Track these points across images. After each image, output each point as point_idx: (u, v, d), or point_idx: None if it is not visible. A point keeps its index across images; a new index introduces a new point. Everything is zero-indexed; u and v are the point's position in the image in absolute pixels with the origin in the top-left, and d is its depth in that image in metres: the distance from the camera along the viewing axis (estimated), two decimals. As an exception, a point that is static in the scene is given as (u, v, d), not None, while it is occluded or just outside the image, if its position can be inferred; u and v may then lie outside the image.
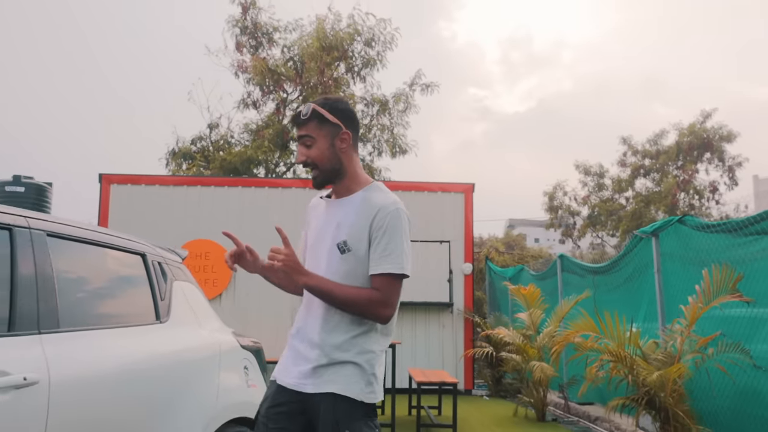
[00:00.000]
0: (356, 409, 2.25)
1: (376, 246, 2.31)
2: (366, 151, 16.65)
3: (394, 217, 2.34)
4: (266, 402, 2.38)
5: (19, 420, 2.27)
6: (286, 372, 2.36)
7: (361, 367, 2.28)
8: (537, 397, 8.20)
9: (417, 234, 10.45)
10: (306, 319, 2.38)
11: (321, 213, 2.50)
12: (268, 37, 16.41)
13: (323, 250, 2.39)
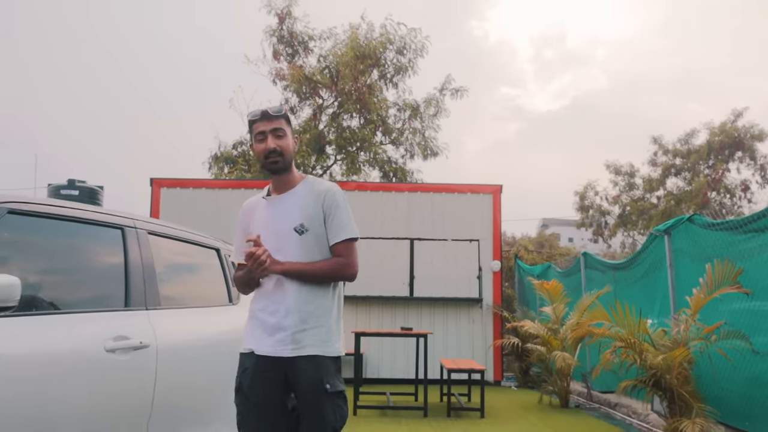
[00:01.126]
0: (332, 364, 2.77)
1: (331, 221, 2.83)
2: (398, 154, 17.32)
3: (339, 196, 2.88)
4: (248, 372, 2.76)
5: (138, 374, 2.97)
6: (261, 342, 2.76)
7: (331, 329, 2.79)
8: (560, 385, 8.77)
9: (447, 233, 11.21)
10: (275, 295, 2.78)
11: (263, 210, 2.92)
12: (303, 46, 17.17)
13: (282, 236, 2.81)
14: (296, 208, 2.84)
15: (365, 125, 16.96)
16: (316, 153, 16.30)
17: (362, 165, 16.92)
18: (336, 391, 2.74)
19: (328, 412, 2.70)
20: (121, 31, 56.63)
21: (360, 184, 13.25)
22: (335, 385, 2.74)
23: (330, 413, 2.70)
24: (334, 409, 2.73)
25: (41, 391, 2.55)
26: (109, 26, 57.99)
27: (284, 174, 2.88)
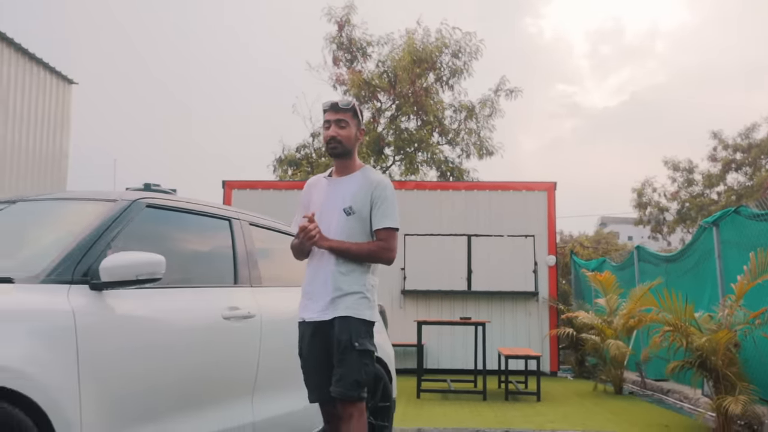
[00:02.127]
0: (362, 326, 3.18)
1: (377, 209, 3.22)
2: (455, 154, 17.83)
3: (389, 190, 3.28)
4: (304, 339, 3.29)
5: (248, 338, 3.61)
6: (308, 310, 3.26)
7: (365, 296, 3.22)
8: (614, 373, 9.16)
9: (503, 229, 11.67)
10: (318, 267, 3.24)
11: (323, 188, 3.36)
12: (362, 52, 17.86)
13: (332, 214, 3.24)
14: (349, 192, 3.26)
15: (422, 127, 17.53)
16: (375, 154, 16.95)
17: (420, 165, 17.51)
18: (363, 349, 3.16)
19: (353, 365, 3.11)
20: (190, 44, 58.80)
21: (419, 183, 13.82)
22: (363, 344, 3.16)
23: (355, 367, 3.12)
24: (360, 365, 3.13)
25: (181, 345, 3.21)
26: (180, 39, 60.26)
27: (344, 159, 3.31)
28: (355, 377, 3.12)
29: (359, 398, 3.15)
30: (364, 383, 3.16)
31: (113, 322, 2.96)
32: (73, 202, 3.52)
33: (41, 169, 11.87)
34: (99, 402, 2.81)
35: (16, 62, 11.13)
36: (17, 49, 11.05)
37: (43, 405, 2.57)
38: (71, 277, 2.89)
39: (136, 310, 3.08)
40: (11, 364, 2.50)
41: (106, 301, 2.96)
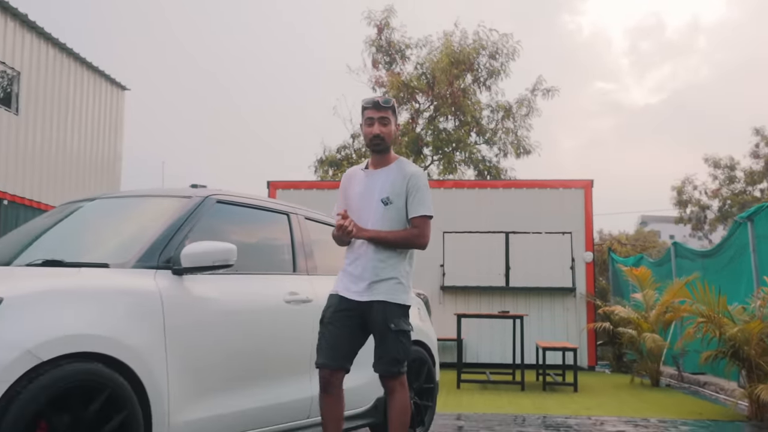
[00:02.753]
0: (398, 309, 3.43)
1: (412, 199, 3.45)
2: (492, 153, 18.09)
3: (422, 180, 3.51)
4: (331, 308, 3.48)
5: (306, 321, 4.00)
6: (347, 289, 3.48)
7: (400, 282, 3.46)
8: (651, 366, 9.35)
9: (541, 226, 11.91)
10: (359, 256, 3.47)
11: (361, 179, 3.57)
12: (401, 54, 18.25)
13: (370, 204, 3.47)
14: (387, 183, 3.49)
15: (460, 127, 17.84)
16: (414, 154, 17.31)
17: (458, 164, 17.81)
18: (399, 329, 3.42)
19: (391, 345, 3.40)
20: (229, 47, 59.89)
21: (457, 182, 14.12)
22: (399, 325, 3.42)
23: (393, 346, 3.40)
24: (397, 344, 3.41)
25: (249, 324, 3.61)
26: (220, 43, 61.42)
27: (385, 153, 3.56)
28: (394, 355, 3.41)
29: (399, 373, 3.44)
30: (403, 359, 3.44)
31: (192, 302, 3.38)
32: (154, 198, 3.96)
33: (98, 171, 12.50)
34: (182, 370, 3.22)
35: (75, 71, 11.77)
36: (76, 59, 11.68)
37: (138, 371, 2.99)
38: (156, 263, 3.32)
39: (211, 293, 3.49)
40: (111, 335, 2.93)
41: (186, 284, 3.38)
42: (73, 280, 3.05)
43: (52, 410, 2.69)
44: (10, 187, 10.15)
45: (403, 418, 3.47)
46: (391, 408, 3.48)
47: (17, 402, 2.56)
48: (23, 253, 3.79)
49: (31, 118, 10.69)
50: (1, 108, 10.04)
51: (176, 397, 3.18)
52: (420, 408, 4.96)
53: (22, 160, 10.52)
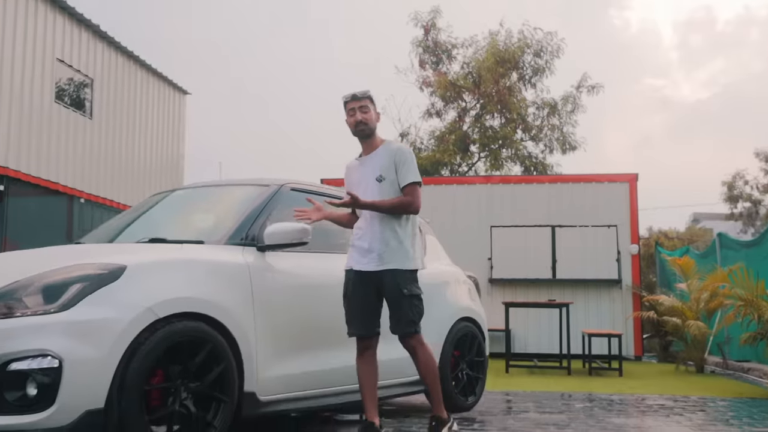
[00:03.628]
0: (409, 274, 3.83)
1: (400, 170, 3.86)
2: (538, 150, 18.37)
3: (407, 152, 3.94)
4: (349, 282, 3.89)
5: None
6: (358, 263, 3.86)
7: (407, 249, 3.86)
8: (696, 354, 9.59)
9: (586, 219, 12.21)
10: (366, 229, 3.86)
11: (357, 168, 4.02)
12: (447, 54, 18.68)
13: (368, 185, 3.88)
14: (378, 164, 3.92)
15: (506, 124, 18.18)
16: (461, 152, 17.73)
17: (504, 161, 18.15)
18: (412, 293, 3.80)
19: (405, 308, 3.78)
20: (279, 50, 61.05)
21: (504, 177, 14.48)
22: (411, 290, 3.81)
23: (407, 309, 3.79)
24: (411, 307, 3.80)
25: (320, 296, 4.12)
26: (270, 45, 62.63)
27: (370, 139, 3.98)
28: (410, 317, 3.81)
29: (415, 332, 3.84)
30: (417, 320, 3.84)
31: (274, 274, 3.91)
32: (238, 186, 4.53)
33: (162, 171, 13.27)
34: (266, 332, 3.75)
35: (142, 77, 12.55)
36: (142, 65, 12.46)
37: (232, 330, 3.53)
38: (243, 240, 3.87)
39: (289, 267, 4.02)
40: (211, 299, 3.48)
41: (268, 259, 3.92)
42: (178, 254, 3.62)
43: (167, 360, 3.24)
44: (85, 186, 10.93)
45: (432, 371, 3.89)
46: (418, 365, 3.90)
47: (141, 351, 3.12)
48: (123, 233, 4.41)
49: (103, 122, 11.47)
50: (77, 113, 10.82)
51: (262, 355, 3.72)
52: (471, 379, 5.42)
53: (96, 161, 11.30)
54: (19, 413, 2.91)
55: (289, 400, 3.94)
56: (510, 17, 37.87)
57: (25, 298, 3.05)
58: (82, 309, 3.05)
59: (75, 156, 10.73)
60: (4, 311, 3.01)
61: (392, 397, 4.94)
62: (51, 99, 10.21)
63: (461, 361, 5.35)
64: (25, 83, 9.70)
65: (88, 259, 3.37)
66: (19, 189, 9.62)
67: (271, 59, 60.05)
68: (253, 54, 63.25)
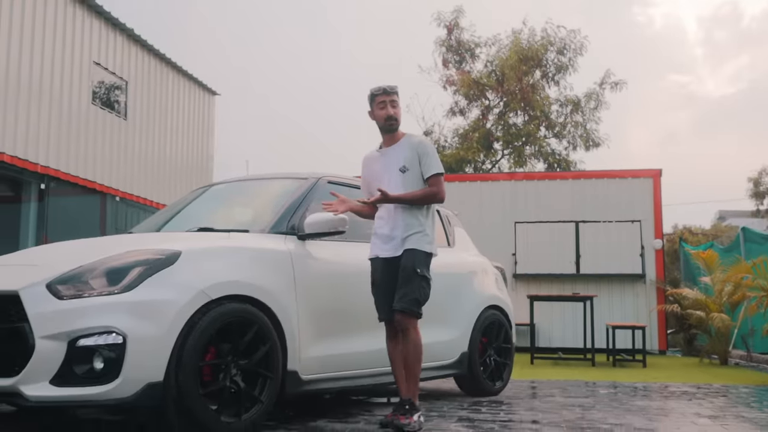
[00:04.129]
0: (424, 256, 3.98)
1: (424, 162, 4.02)
2: (561, 146, 18.48)
3: (429, 146, 4.10)
4: (376, 271, 4.07)
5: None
6: (381, 249, 4.05)
7: (426, 234, 4.03)
8: (720, 346, 9.69)
9: (610, 214, 12.34)
10: (388, 218, 4.03)
11: (378, 159, 4.14)
12: (470, 53, 18.85)
13: (391, 175, 4.03)
14: (401, 155, 4.07)
15: (530, 121, 18.31)
16: (485, 149, 17.90)
17: (528, 158, 18.29)
18: (423, 275, 3.95)
19: (414, 286, 3.90)
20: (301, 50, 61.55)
21: (528, 174, 14.61)
22: (423, 271, 3.96)
23: (416, 288, 3.91)
24: (419, 287, 3.93)
25: (356, 281, 4.34)
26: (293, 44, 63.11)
27: (395, 132, 4.14)
28: (416, 296, 3.92)
29: (416, 314, 3.94)
30: (422, 302, 3.96)
31: (314, 261, 4.16)
32: (278, 180, 4.78)
33: (192, 170, 13.62)
34: (307, 315, 4.00)
35: (172, 79, 12.90)
36: (173, 67, 12.81)
37: (276, 312, 3.78)
38: (285, 229, 4.13)
39: (328, 255, 4.27)
40: (257, 283, 3.73)
41: (308, 247, 4.17)
42: (226, 241, 3.89)
43: (218, 339, 3.50)
44: (120, 185, 11.29)
45: (417, 355, 3.98)
46: (406, 345, 3.96)
47: (195, 330, 3.38)
48: (169, 224, 4.69)
49: (137, 123, 11.82)
50: (113, 114, 11.18)
51: (304, 336, 3.97)
52: (499, 365, 5.63)
53: (130, 160, 11.65)
54: (87, 385, 3.18)
55: (328, 379, 4.18)
56: (533, 15, 37.91)
57: (91, 280, 3.33)
58: (143, 290, 3.32)
59: (110, 156, 11.09)
60: (73, 292, 3.28)
61: (425, 379, 5.17)
62: (88, 101, 10.58)
63: (489, 348, 5.57)
64: (64, 86, 10.07)
65: (145, 245, 3.65)
66: (59, 188, 10.00)
67: (294, 60, 60.55)
68: (277, 54, 63.78)
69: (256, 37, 66.95)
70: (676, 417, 4.57)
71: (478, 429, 3.93)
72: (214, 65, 71.69)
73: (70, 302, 3.25)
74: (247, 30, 67.66)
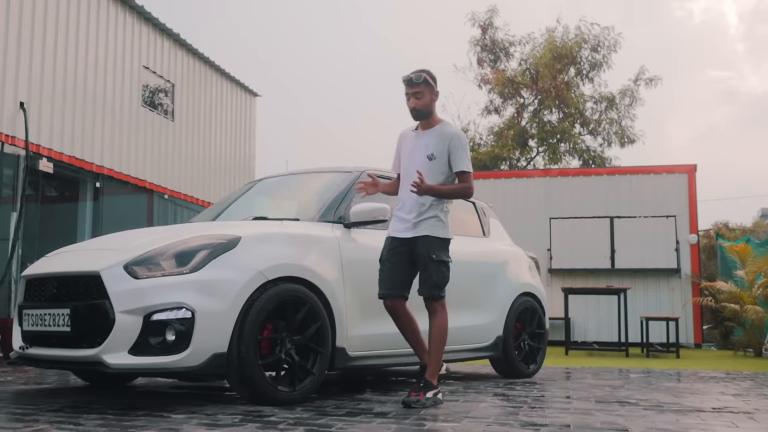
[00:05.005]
0: (439, 242, 4.13)
1: (454, 156, 4.14)
2: (596, 143, 18.59)
3: (461, 140, 4.20)
4: (386, 248, 4.20)
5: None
6: (396, 230, 4.20)
7: (440, 220, 4.17)
8: (754, 339, 9.80)
9: (645, 210, 12.49)
10: (406, 199, 4.17)
11: (412, 139, 4.28)
12: (505, 52, 19.08)
13: (418, 159, 4.17)
14: (431, 142, 4.20)
15: (564, 119, 18.46)
16: (520, 147, 18.11)
17: (563, 155, 18.45)
18: (440, 260, 4.11)
19: (432, 272, 4.09)
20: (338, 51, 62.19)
21: (562, 170, 14.82)
22: (439, 256, 4.12)
23: (434, 273, 4.09)
24: (437, 272, 4.10)
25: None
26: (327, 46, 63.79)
27: (426, 119, 4.26)
28: (435, 281, 4.11)
29: (439, 297, 4.13)
30: (442, 285, 4.14)
31: (359, 247, 4.51)
32: (325, 173, 5.15)
33: (235, 170, 14.12)
34: (353, 296, 4.35)
35: (216, 81, 13.41)
36: (217, 70, 13.32)
37: (326, 293, 4.14)
38: (333, 218, 4.49)
39: (372, 241, 4.60)
40: (309, 266, 4.10)
41: (353, 234, 4.53)
42: (280, 228, 4.27)
43: (275, 316, 3.87)
44: (169, 183, 11.82)
45: (441, 336, 4.13)
46: (432, 326, 4.15)
47: (255, 307, 3.75)
48: (224, 213, 5.09)
49: (184, 124, 12.35)
50: (161, 116, 11.72)
51: (350, 316, 4.32)
52: (533, 349, 5.93)
53: (177, 160, 12.19)
54: (160, 355, 3.58)
55: (372, 356, 4.53)
56: (569, 13, 37.84)
57: (162, 262, 3.73)
58: (208, 271, 3.71)
59: (158, 155, 11.62)
60: (147, 273, 3.69)
61: (461, 360, 5.50)
62: (138, 103, 11.11)
63: (523, 333, 5.86)
64: (116, 90, 10.62)
65: (209, 231, 4.04)
66: (111, 187, 10.54)
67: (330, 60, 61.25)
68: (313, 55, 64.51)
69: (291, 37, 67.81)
70: (701, 395, 4.81)
71: (512, 402, 4.23)
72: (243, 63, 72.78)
73: (145, 281, 3.65)
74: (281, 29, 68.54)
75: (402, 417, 3.50)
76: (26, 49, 8.74)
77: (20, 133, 8.53)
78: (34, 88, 8.85)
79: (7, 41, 8.44)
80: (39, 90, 8.93)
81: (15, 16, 8.59)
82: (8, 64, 8.44)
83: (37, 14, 8.99)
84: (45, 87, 9.05)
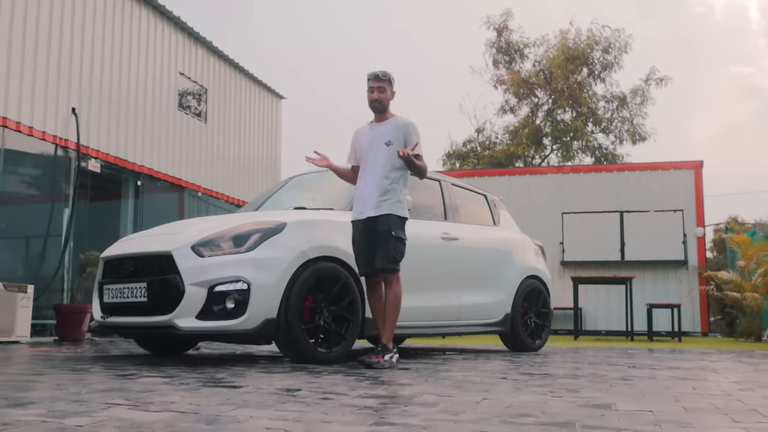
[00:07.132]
0: (398, 220, 4.56)
1: (410, 141, 4.56)
2: (608, 141, 19.19)
3: (415, 127, 4.68)
4: (356, 231, 4.62)
5: (456, 253, 5.76)
6: (360, 213, 4.58)
7: (400, 200, 4.59)
8: (754, 325, 10.39)
9: (653, 204, 13.10)
10: (367, 181, 4.59)
11: (367, 132, 4.72)
12: (519, 53, 19.73)
13: (379, 147, 4.59)
14: (387, 132, 4.65)
15: (577, 118, 19.08)
16: (534, 145, 18.76)
17: (576, 153, 19.08)
18: (398, 237, 4.52)
19: (390, 247, 4.49)
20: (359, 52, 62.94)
21: (574, 167, 15.43)
22: (398, 234, 4.53)
23: (392, 248, 4.50)
24: (395, 247, 4.52)
25: (421, 252, 5.39)
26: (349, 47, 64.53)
27: (383, 113, 4.73)
28: (393, 255, 4.52)
29: (395, 270, 4.55)
30: (399, 259, 4.55)
31: (385, 233, 5.23)
32: (354, 169, 5.88)
33: (263, 170, 14.92)
34: (381, 275, 5.07)
35: (245, 85, 14.22)
36: (245, 75, 14.12)
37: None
38: (361, 208, 5.21)
39: (395, 228, 5.32)
40: (342, 248, 4.82)
41: (379, 222, 5.24)
42: (317, 216, 5.01)
43: (315, 289, 4.60)
44: (203, 182, 12.63)
45: (395, 304, 4.58)
46: (388, 295, 4.56)
47: (299, 281, 4.49)
48: (264, 204, 5.82)
49: (216, 127, 13.17)
50: (196, 118, 12.55)
51: (377, 292, 5.03)
52: (538, 326, 6.63)
53: (211, 160, 13.00)
54: (222, 320, 4.33)
55: (396, 327, 5.25)
56: (584, 11, 38.28)
57: (222, 243, 4.48)
58: (261, 250, 4.45)
59: (193, 156, 12.44)
60: (210, 252, 4.44)
61: (473, 333, 6.21)
62: (175, 107, 11.93)
63: (529, 311, 6.57)
64: (155, 95, 11.45)
65: (259, 218, 4.79)
66: (150, 185, 11.38)
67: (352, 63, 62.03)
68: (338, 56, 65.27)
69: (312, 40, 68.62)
70: (681, 361, 5.48)
71: (517, 364, 4.94)
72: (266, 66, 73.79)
73: (209, 259, 4.40)
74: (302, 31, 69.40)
75: (422, 369, 4.22)
76: (77, 60, 9.60)
77: (72, 136, 9.38)
78: (84, 95, 9.70)
79: (61, 53, 9.30)
80: (88, 96, 9.78)
81: (68, 31, 9.45)
82: (61, 73, 9.30)
83: (87, 29, 9.85)
84: (93, 94, 9.90)
